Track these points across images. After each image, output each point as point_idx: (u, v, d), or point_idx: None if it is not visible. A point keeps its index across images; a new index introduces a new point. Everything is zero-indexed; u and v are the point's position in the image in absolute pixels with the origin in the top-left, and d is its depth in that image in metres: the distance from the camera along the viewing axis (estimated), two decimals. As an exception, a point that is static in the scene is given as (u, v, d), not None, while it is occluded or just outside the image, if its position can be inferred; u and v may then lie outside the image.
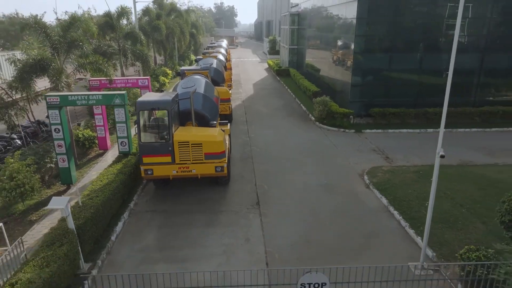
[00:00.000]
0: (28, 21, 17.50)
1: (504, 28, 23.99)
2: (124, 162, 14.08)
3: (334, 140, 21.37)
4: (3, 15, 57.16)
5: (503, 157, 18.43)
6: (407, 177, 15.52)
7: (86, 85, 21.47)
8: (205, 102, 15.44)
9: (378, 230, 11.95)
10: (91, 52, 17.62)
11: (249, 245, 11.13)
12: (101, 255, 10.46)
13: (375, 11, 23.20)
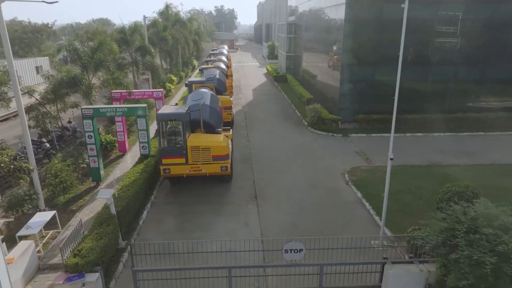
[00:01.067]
0: (64, 44, 20.47)
1: (474, 43, 27.01)
2: (146, 163, 17.09)
3: (323, 143, 24.41)
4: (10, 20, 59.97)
5: (466, 158, 21.51)
6: (381, 176, 18.40)
7: (105, 95, 24.45)
8: (211, 112, 18.48)
9: (352, 217, 14.97)
10: (115, 70, 20.59)
11: (248, 228, 14.14)
12: (133, 235, 13.48)
13: (360, 29, 26.27)
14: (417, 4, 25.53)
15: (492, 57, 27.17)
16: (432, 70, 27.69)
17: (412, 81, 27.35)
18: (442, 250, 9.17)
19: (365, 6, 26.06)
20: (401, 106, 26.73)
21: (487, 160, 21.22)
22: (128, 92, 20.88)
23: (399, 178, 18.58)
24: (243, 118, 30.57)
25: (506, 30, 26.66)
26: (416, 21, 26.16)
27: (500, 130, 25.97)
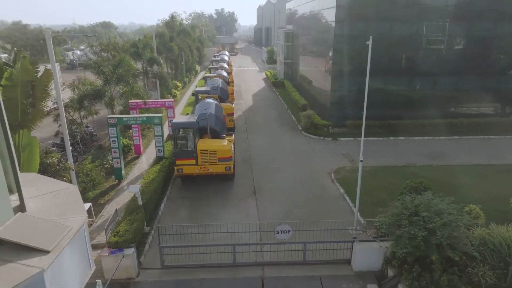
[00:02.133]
0: (89, 61, 23.58)
1: (451, 58, 30.15)
2: (161, 164, 20.20)
3: (314, 146, 27.53)
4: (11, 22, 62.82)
5: (439, 159, 24.62)
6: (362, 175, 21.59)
7: (122, 104, 27.54)
8: (216, 121, 21.60)
9: (334, 209, 18.07)
10: (134, 84, 23.71)
11: (248, 218, 17.23)
12: (154, 222, 16.58)
13: (348, 44, 29.35)
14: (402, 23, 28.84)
15: (466, 70, 30.27)
16: (414, 80, 30.84)
17: (396, 90, 30.53)
18: (392, 229, 12.28)
19: (353, 24, 29.14)
20: (385, 113, 30.02)
21: (456, 161, 24.36)
22: (144, 102, 23.99)
23: (379, 177, 21.74)
24: (244, 123, 33.66)
25: (478, 47, 29.81)
26: (401, 38, 29.41)
27: (472, 135, 29.10)
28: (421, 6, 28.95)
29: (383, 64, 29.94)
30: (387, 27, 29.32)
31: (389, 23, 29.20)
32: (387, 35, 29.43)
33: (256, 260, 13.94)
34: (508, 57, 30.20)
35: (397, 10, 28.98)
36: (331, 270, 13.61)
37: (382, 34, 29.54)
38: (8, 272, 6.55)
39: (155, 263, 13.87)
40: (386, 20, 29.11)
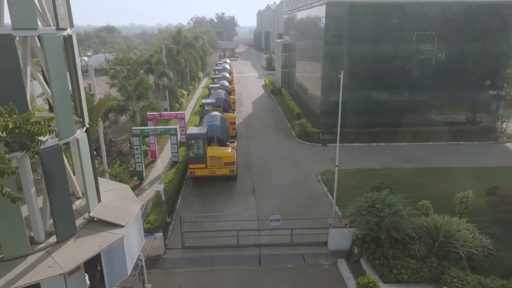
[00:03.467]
0: (115, 81, 27.74)
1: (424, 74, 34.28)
2: (176, 167, 24.39)
3: (306, 151, 31.72)
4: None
5: (412, 163, 28.77)
6: (344, 176, 25.68)
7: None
8: (221, 131, 25.80)
9: (318, 204, 22.21)
10: (153, 100, 27.88)
11: (248, 211, 21.37)
12: (174, 214, 20.76)
13: (335, 61, 33.51)
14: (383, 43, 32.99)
15: (440, 83, 34.36)
16: (394, 93, 34.97)
17: (378, 102, 34.70)
18: (355, 217, 16.46)
19: (340, 44, 33.30)
20: (369, 121, 34.05)
21: (426, 164, 28.52)
22: (159, 114, 28.19)
23: (358, 178, 25.88)
24: (244, 130, 37.83)
25: (450, 64, 33.90)
26: (382, 56, 33.59)
27: (445, 141, 33.18)
28: (399, 29, 33.10)
29: (366, 79, 34.21)
30: (370, 47, 33.49)
31: (371, 43, 33.35)
32: (370, 54, 33.63)
33: (255, 242, 18.12)
34: (476, 73, 34.34)
35: (378, 31, 33.09)
36: (312, 250, 17.80)
37: (365, 53, 33.80)
38: (103, 237, 10.82)
39: (177, 244, 18.06)
40: (369, 41, 33.27)
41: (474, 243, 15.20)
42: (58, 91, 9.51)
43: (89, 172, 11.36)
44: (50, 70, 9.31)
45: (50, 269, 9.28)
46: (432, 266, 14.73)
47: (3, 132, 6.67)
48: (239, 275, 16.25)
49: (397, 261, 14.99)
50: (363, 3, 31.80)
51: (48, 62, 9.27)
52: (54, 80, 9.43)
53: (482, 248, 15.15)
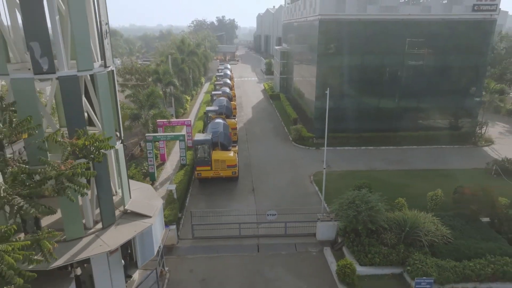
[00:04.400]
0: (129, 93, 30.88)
1: (412, 83, 37.41)
2: (185, 170, 27.53)
3: (301, 154, 34.86)
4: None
5: (396, 165, 31.88)
6: (334, 177, 28.87)
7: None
8: (224, 137, 28.95)
9: (309, 201, 25.31)
10: (163, 108, 31.02)
11: (248, 207, 24.50)
12: (184, 210, 23.91)
13: (328, 74, 36.67)
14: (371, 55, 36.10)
15: (424, 92, 37.48)
16: (382, 101, 38.08)
17: (367, 109, 37.81)
18: (338, 212, 19.60)
19: (332, 57, 36.48)
20: (359, 126, 37.11)
21: (409, 166, 31.64)
22: (168, 121, 31.35)
23: (346, 179, 28.95)
24: (245, 134, 40.97)
25: (433, 75, 36.92)
26: (371, 67, 36.71)
27: (428, 145, 36.37)
28: (386, 43, 36.15)
29: (357, 88, 37.36)
30: (359, 58, 36.65)
31: (361, 55, 36.50)
32: (359, 65, 36.78)
33: (254, 234, 21.27)
34: (458, 82, 37.49)
35: (367, 45, 36.20)
36: (302, 240, 20.95)
37: (355, 64, 36.94)
38: (136, 225, 13.97)
39: (188, 235, 21.21)
40: (359, 53, 36.41)
41: (435, 233, 18.34)
42: (107, 114, 12.65)
43: (124, 175, 14.52)
44: (100, 99, 12.46)
45: (101, 247, 12.44)
46: (400, 251, 17.87)
47: (82, 148, 9.78)
48: (241, 260, 19.37)
49: (372, 247, 18.14)
50: (353, 20, 34.91)
51: (99, 93, 12.41)
52: (104, 106, 12.58)
53: (442, 237, 18.28)
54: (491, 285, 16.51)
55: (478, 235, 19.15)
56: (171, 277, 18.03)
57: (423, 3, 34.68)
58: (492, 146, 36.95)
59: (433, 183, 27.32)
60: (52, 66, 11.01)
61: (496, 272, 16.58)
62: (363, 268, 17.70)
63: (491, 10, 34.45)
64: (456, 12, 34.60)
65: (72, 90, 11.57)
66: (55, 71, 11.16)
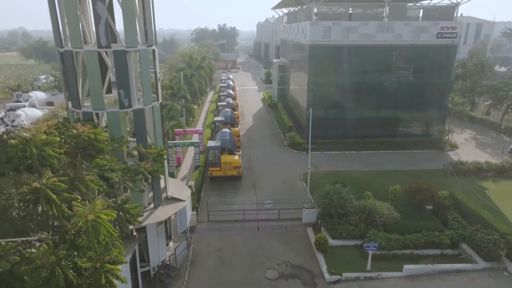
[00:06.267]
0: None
1: (391, 94, 44.17)
2: (199, 170, 34.25)
3: (294, 158, 41.61)
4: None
5: (373, 167, 38.57)
6: (319, 176, 35.56)
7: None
8: (231, 144, 35.74)
9: (298, 194, 32.00)
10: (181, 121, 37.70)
11: (250, 198, 31.22)
12: (200, 201, 30.65)
13: (318, 88, 43.43)
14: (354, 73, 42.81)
15: (399, 104, 44.28)
16: (362, 111, 44.80)
17: (350, 118, 44.53)
18: (317, 200, 26.31)
19: (320, 75, 43.26)
20: (343, 133, 43.76)
21: (383, 168, 38.33)
22: (184, 130, 38.08)
23: (329, 177, 35.44)
24: (246, 140, 47.73)
25: (406, 89, 43.76)
26: (353, 83, 43.47)
27: (402, 149, 43.08)
28: (367, 63, 42.93)
29: (341, 101, 44.12)
30: (344, 77, 43.33)
31: (345, 74, 43.19)
32: (344, 82, 43.50)
33: (254, 218, 27.97)
34: (428, 96, 44.20)
35: (350, 65, 42.91)
36: (291, 222, 27.65)
37: (340, 81, 43.71)
38: (176, 205, 20.80)
39: (204, 219, 27.92)
40: (343, 72, 43.14)
41: (388, 216, 25.03)
42: (146, 79, 18.80)
43: (166, 172, 21.24)
44: (142, 68, 18.63)
45: (155, 217, 19.14)
46: (361, 229, 24.54)
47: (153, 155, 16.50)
48: (245, 237, 26.06)
49: (340, 226, 24.86)
50: (337, 45, 41.65)
51: (142, 65, 18.57)
52: (144, 73, 18.69)
53: (393, 219, 24.97)
54: (423, 251, 23.21)
55: (421, 218, 25.83)
56: (195, 248, 24.75)
57: (395, 31, 41.28)
58: (456, 150, 43.69)
59: (398, 181, 33.76)
60: (130, 103, 17.75)
61: (427, 241, 23.31)
62: (334, 241, 24.41)
63: (452, 37, 41.30)
64: (423, 39, 41.43)
65: (140, 118, 18.32)
66: (131, 106, 17.89)
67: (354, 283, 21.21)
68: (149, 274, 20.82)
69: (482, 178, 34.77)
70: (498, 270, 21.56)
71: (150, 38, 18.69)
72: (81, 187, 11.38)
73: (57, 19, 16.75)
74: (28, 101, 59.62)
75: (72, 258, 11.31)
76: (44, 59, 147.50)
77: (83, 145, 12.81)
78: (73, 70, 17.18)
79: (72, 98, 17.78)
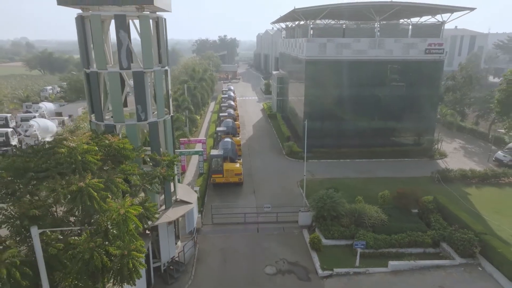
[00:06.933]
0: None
1: (381, 108, 46.86)
2: (203, 177, 36.75)
3: (292, 166, 44.14)
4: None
5: (365, 174, 41.09)
6: (315, 183, 38.02)
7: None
8: (232, 153, 38.30)
9: (295, 199, 34.46)
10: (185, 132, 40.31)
11: (250, 203, 33.67)
12: (204, 205, 33.11)
13: (314, 102, 46.13)
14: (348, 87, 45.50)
15: (390, 116, 46.97)
16: (357, 122, 47.42)
17: (345, 130, 47.17)
18: (312, 204, 28.79)
19: (316, 87, 46.00)
20: (338, 143, 46.41)
21: (375, 175, 40.83)
22: (188, 140, 40.68)
23: (324, 184, 37.95)
24: (247, 149, 50.29)
25: (397, 102, 46.45)
26: (347, 95, 46.19)
27: (393, 158, 45.62)
28: (360, 77, 45.70)
29: (337, 112, 46.82)
30: (339, 89, 46.11)
31: (340, 87, 45.95)
32: (339, 94, 46.27)
33: (255, 221, 30.39)
34: (418, 108, 46.87)
35: (344, 79, 45.70)
36: (289, 225, 30.06)
37: (336, 94, 46.47)
38: (184, 207, 23.34)
39: (208, 222, 30.35)
40: (338, 85, 45.90)
41: (376, 218, 27.47)
42: (160, 96, 21.48)
43: (176, 179, 23.75)
44: (157, 86, 21.32)
45: (167, 217, 21.62)
46: (351, 230, 26.98)
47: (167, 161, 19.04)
48: (246, 238, 28.46)
49: (333, 227, 27.29)
50: (332, 60, 44.49)
51: (156, 83, 21.27)
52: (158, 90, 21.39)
53: (380, 221, 27.40)
54: (407, 249, 25.62)
55: (406, 220, 28.27)
56: (200, 247, 27.14)
57: (386, 47, 44.11)
58: (445, 159, 46.24)
59: (389, 187, 36.28)
60: (146, 117, 20.36)
61: (411, 241, 25.74)
62: (327, 241, 26.82)
63: (439, 53, 44.17)
64: (412, 55, 44.29)
65: (155, 129, 20.93)
66: (147, 119, 20.51)
67: (344, 278, 23.60)
68: (160, 269, 23.25)
69: (467, 185, 37.27)
70: (473, 265, 24.00)
71: (164, 60, 21.42)
72: (113, 187, 13.88)
73: (86, 45, 19.43)
74: (38, 111, 62.25)
75: (104, 247, 13.79)
76: (49, 70, 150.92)
77: (113, 152, 15.41)
78: (97, 88, 19.82)
79: (96, 112, 20.40)
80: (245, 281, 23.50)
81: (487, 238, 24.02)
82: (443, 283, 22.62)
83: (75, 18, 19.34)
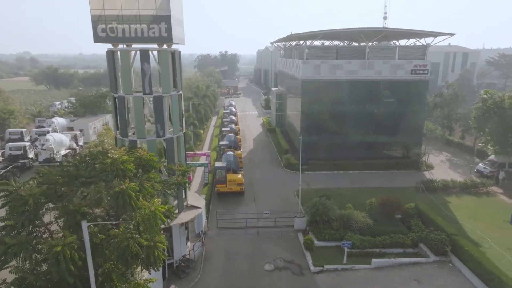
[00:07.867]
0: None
1: (375, 122, 50.73)
2: (208, 187, 40.36)
3: (289, 177, 47.79)
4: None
5: (358, 184, 44.69)
6: (310, 193, 41.58)
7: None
8: (235, 165, 42.02)
9: (292, 206, 38.01)
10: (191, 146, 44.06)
11: (251, 210, 37.21)
12: (209, 212, 36.67)
13: (310, 117, 50.06)
14: (340, 104, 49.41)
15: (382, 130, 50.81)
16: (351, 136, 51.22)
17: (339, 143, 50.94)
18: (306, 211, 32.37)
19: (312, 104, 49.97)
20: (333, 155, 50.18)
21: (366, 185, 44.41)
22: (194, 153, 44.41)
23: (319, 193, 41.60)
24: (248, 161, 54.00)
25: (389, 118, 50.36)
26: (340, 112, 50.12)
27: (384, 170, 49.28)
28: (353, 95, 49.68)
29: (331, 127, 50.66)
30: (333, 106, 50.05)
31: (334, 104, 49.92)
32: (333, 111, 50.18)
33: (255, 225, 33.89)
34: (407, 123, 50.72)
35: (338, 96, 49.70)
36: (285, 229, 33.57)
37: (330, 110, 50.37)
38: (195, 211, 27.05)
39: (213, 226, 33.87)
40: (332, 102, 49.86)
41: (363, 222, 31.01)
42: (175, 116, 25.28)
43: (187, 188, 27.41)
44: (173, 108, 25.13)
45: (180, 220, 25.20)
46: (341, 232, 30.50)
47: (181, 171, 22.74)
48: (247, 240, 31.96)
49: (324, 230, 30.83)
50: (326, 80, 48.58)
51: (173, 106, 25.06)
52: (174, 111, 25.20)
53: (366, 225, 30.93)
54: (389, 249, 29.13)
55: (390, 224, 31.80)
56: (207, 248, 30.63)
57: (375, 68, 48.19)
58: (431, 171, 49.90)
59: (377, 196, 39.91)
60: (164, 133, 24.16)
61: (392, 242, 29.27)
62: (319, 242, 30.33)
63: (424, 74, 48.28)
64: (399, 75, 48.38)
65: (171, 144, 24.71)
66: (165, 136, 24.30)
67: (333, 273, 27.06)
68: (173, 265, 26.73)
69: (448, 194, 40.86)
70: (445, 262, 27.51)
71: (178, 86, 25.36)
72: (144, 190, 17.52)
73: (115, 73, 23.37)
74: (50, 126, 66.14)
75: (136, 238, 17.40)
76: (54, 85, 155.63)
77: (143, 163, 19.15)
78: (123, 110, 23.68)
79: (121, 130, 24.23)
80: (246, 276, 26.95)
81: (457, 238, 27.57)
82: (418, 277, 26.10)
83: (106, 52, 23.34)
